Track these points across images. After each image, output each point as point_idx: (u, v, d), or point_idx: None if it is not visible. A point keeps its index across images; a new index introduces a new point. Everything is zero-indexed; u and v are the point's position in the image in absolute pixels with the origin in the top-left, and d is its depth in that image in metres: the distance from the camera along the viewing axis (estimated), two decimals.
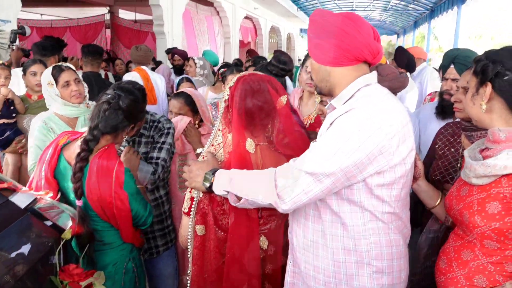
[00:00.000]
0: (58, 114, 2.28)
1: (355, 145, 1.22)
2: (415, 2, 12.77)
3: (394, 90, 2.15)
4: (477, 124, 1.39)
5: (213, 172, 1.47)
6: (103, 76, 4.96)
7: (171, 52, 6.36)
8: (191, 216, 1.82)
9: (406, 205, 1.43)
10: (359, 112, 1.26)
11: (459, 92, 1.94)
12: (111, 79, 5.81)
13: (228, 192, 1.42)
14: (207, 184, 1.47)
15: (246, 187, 1.39)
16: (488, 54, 1.29)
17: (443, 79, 2.58)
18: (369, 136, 1.22)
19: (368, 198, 1.32)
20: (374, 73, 1.41)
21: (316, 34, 1.38)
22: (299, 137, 1.62)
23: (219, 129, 1.76)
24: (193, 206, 1.95)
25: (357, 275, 1.36)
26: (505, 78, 1.21)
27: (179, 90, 2.52)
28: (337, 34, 1.32)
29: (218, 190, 1.45)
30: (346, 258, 1.36)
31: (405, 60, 4.59)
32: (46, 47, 3.66)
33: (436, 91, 3.54)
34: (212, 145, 1.95)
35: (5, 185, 1.27)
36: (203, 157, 2.12)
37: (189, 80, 4.06)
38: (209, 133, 2.29)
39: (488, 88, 1.25)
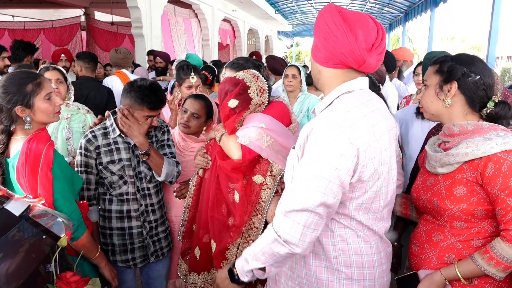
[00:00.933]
0: None
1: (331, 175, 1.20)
2: (390, 5, 13.05)
3: None
4: (432, 118, 1.54)
5: (233, 266, 1.41)
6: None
7: (153, 54, 6.28)
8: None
9: (381, 219, 1.39)
10: (328, 131, 1.23)
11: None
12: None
13: (252, 271, 1.35)
14: (236, 278, 1.40)
15: (259, 254, 1.31)
16: (452, 57, 1.46)
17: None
18: (336, 157, 1.20)
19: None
20: (360, 79, 1.35)
21: (314, 30, 1.35)
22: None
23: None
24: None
25: (327, 280, 1.36)
26: (469, 78, 1.40)
27: (198, 93, 2.53)
28: (325, 33, 1.28)
29: (244, 276, 1.38)
30: (316, 262, 1.37)
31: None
32: None
33: (411, 95, 3.60)
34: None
35: None
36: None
37: None
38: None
39: (454, 86, 1.42)
